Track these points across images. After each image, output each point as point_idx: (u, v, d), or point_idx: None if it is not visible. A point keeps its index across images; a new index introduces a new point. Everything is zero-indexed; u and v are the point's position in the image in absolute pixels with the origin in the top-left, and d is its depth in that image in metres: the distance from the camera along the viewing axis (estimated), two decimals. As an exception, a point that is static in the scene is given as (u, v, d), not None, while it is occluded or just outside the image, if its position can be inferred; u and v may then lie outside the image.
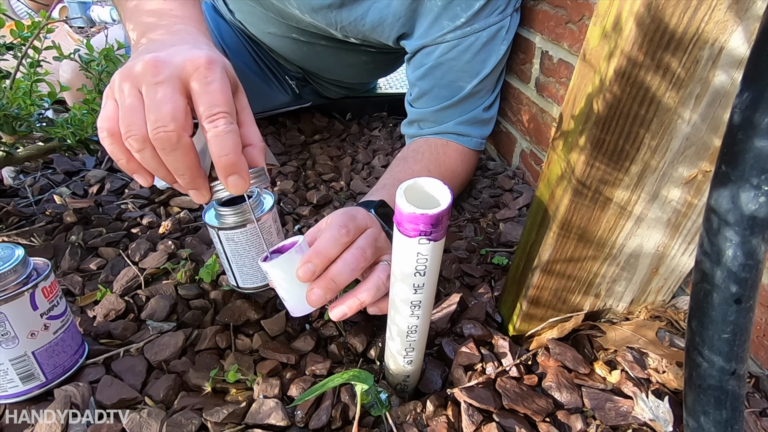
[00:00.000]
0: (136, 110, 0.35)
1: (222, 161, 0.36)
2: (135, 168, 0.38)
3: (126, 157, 0.37)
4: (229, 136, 0.35)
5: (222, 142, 0.35)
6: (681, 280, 0.52)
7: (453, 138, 0.77)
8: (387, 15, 0.76)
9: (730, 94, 0.37)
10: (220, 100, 0.36)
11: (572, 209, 0.42)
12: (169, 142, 0.35)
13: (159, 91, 0.35)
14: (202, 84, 0.36)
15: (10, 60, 0.60)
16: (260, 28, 0.97)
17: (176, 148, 0.35)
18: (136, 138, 0.35)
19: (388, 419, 0.42)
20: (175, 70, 0.36)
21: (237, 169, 0.36)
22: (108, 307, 0.54)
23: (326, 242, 0.42)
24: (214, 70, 0.36)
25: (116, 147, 0.37)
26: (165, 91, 0.35)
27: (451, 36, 0.73)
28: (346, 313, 0.43)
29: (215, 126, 0.35)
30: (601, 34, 0.37)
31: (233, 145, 0.36)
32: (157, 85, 0.35)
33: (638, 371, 0.47)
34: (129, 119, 0.35)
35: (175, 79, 0.35)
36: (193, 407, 0.43)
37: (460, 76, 0.76)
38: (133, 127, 0.35)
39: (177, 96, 0.35)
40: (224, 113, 0.36)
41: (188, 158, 0.36)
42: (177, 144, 0.35)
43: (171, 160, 0.36)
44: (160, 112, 0.34)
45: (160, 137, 0.34)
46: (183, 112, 0.35)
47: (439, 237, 0.32)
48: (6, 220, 0.70)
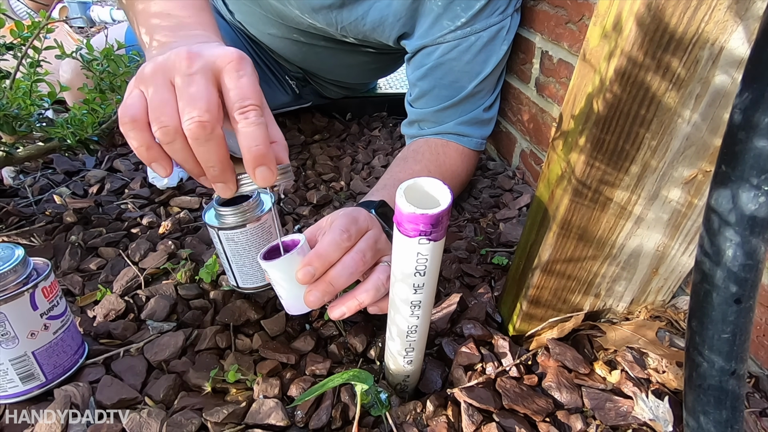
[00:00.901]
0: (169, 101, 0.35)
1: (252, 152, 0.36)
2: (155, 157, 0.37)
3: (147, 145, 0.36)
4: (260, 128, 0.36)
5: (253, 133, 0.36)
6: (681, 280, 0.52)
7: (453, 138, 0.77)
8: (387, 15, 0.76)
9: (730, 94, 0.37)
10: (252, 94, 0.36)
11: (572, 209, 0.42)
12: (204, 133, 0.35)
13: (194, 82, 0.35)
14: (234, 77, 0.36)
15: (10, 60, 0.60)
16: (260, 29, 0.97)
17: (210, 139, 0.35)
18: (167, 129, 0.35)
19: (388, 419, 0.42)
20: (208, 63, 0.36)
21: (266, 161, 0.36)
22: (108, 307, 0.54)
23: (327, 246, 0.42)
24: (245, 65, 0.37)
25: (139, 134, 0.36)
26: (199, 82, 0.35)
27: (452, 36, 0.73)
28: (345, 313, 0.43)
29: (246, 117, 0.35)
30: (601, 34, 0.37)
31: (264, 137, 0.36)
32: (192, 77, 0.35)
33: (638, 371, 0.47)
34: (161, 109, 0.35)
35: (208, 72, 0.36)
36: (193, 407, 0.43)
37: (461, 76, 0.76)
38: (165, 117, 0.35)
39: (211, 88, 0.36)
40: (255, 106, 0.36)
41: (220, 150, 0.36)
42: (211, 135, 0.35)
43: (203, 151, 0.36)
44: (195, 103, 0.34)
45: (194, 128, 0.34)
46: (216, 104, 0.35)
47: (439, 237, 0.32)
48: (6, 220, 0.70)
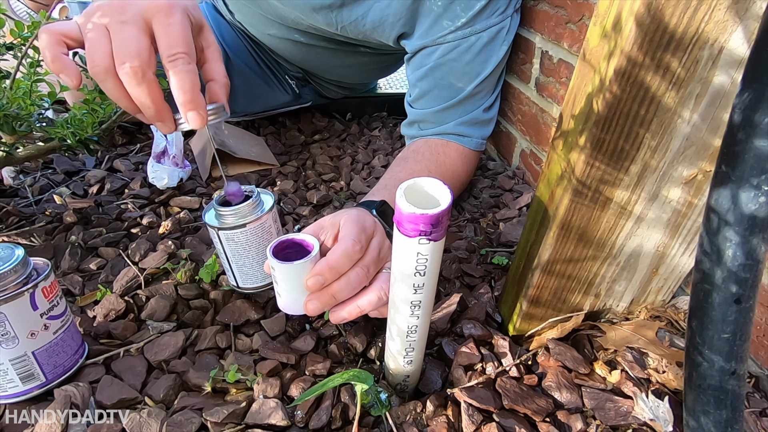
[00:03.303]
0: (101, 44, 0.39)
1: (181, 97, 0.39)
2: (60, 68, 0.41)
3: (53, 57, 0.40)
4: (187, 75, 0.39)
5: (181, 80, 0.39)
6: (681, 280, 0.52)
7: (453, 138, 0.77)
8: (387, 15, 0.76)
9: (730, 94, 0.37)
10: (180, 41, 0.39)
11: (572, 209, 0.42)
12: (135, 77, 0.38)
13: (125, 29, 0.38)
14: (163, 25, 0.39)
15: (10, 60, 0.60)
16: (260, 30, 0.97)
17: (142, 82, 0.38)
18: (98, 69, 0.39)
19: (388, 419, 0.42)
20: (138, 12, 0.39)
21: (195, 106, 0.40)
22: (108, 307, 0.54)
23: (340, 258, 0.42)
24: (174, 13, 0.40)
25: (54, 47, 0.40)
26: (130, 30, 0.38)
27: (452, 37, 0.73)
28: (346, 318, 0.44)
29: (174, 66, 0.39)
30: (601, 34, 0.37)
31: (191, 83, 0.39)
32: (123, 24, 0.38)
33: (638, 371, 0.47)
34: (94, 50, 0.39)
35: (139, 20, 0.39)
36: (193, 407, 0.43)
37: (461, 77, 0.76)
38: (97, 59, 0.38)
39: (141, 35, 0.39)
40: (183, 53, 0.39)
41: (153, 91, 0.39)
42: (143, 79, 0.38)
43: (137, 93, 0.39)
44: (126, 48, 0.38)
45: (127, 72, 0.38)
46: (147, 50, 0.39)
47: (439, 237, 0.32)
48: (6, 220, 0.70)
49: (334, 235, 0.46)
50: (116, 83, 0.39)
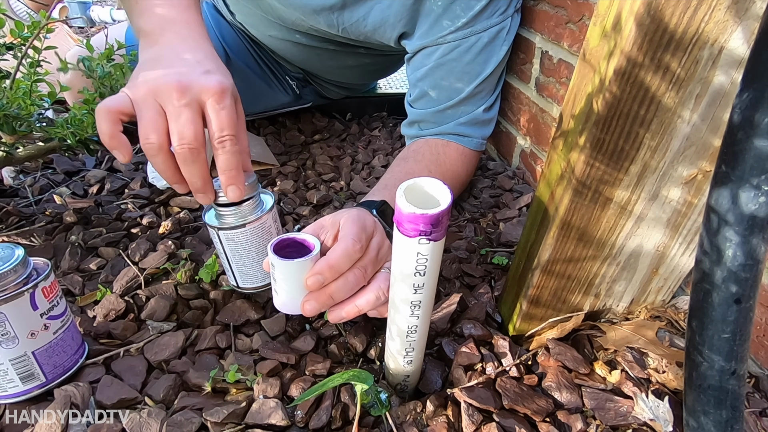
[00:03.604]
0: (157, 122, 0.42)
1: (226, 175, 0.44)
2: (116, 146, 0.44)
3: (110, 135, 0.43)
4: (233, 155, 0.44)
5: (228, 160, 0.43)
6: (681, 280, 0.52)
7: (453, 138, 0.77)
8: (388, 16, 0.76)
9: (730, 94, 0.37)
10: (228, 125, 0.43)
11: (572, 209, 0.42)
12: (191, 156, 0.42)
13: (183, 113, 0.42)
14: (215, 110, 0.43)
15: (10, 60, 0.60)
16: (261, 31, 0.97)
17: (195, 161, 0.43)
18: (153, 145, 0.42)
19: (388, 419, 0.42)
20: (194, 96, 0.43)
21: (236, 182, 0.45)
22: (108, 307, 0.54)
23: (340, 257, 0.42)
24: (225, 98, 0.44)
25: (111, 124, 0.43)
26: (188, 114, 0.42)
27: (452, 37, 0.73)
28: (344, 318, 0.44)
29: (223, 147, 0.43)
30: (601, 34, 0.37)
31: (235, 163, 0.44)
32: (181, 108, 0.42)
33: (638, 371, 0.47)
34: (150, 128, 0.42)
35: (195, 104, 0.43)
36: (193, 407, 0.43)
37: (461, 77, 0.76)
38: (153, 135, 0.42)
39: (197, 119, 0.43)
40: (231, 135, 0.43)
41: (203, 170, 0.44)
42: (196, 158, 0.43)
43: (189, 170, 0.43)
44: (184, 131, 0.42)
45: (184, 152, 0.42)
46: (202, 132, 0.43)
47: (439, 237, 0.32)
48: (6, 220, 0.70)
49: (334, 234, 0.46)
50: (167, 159, 0.43)
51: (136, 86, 0.44)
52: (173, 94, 0.42)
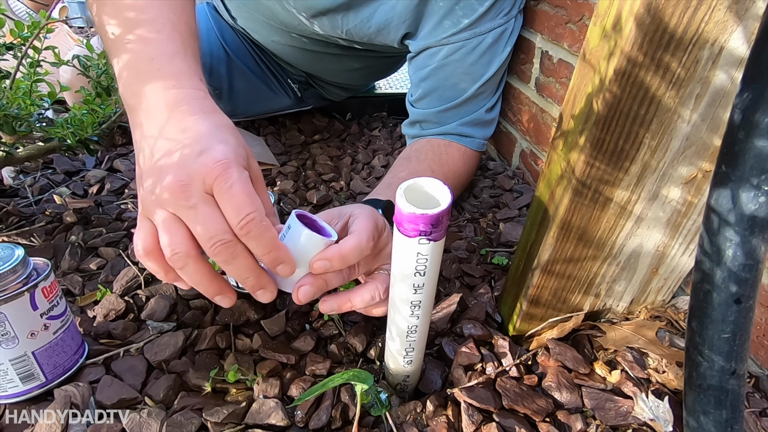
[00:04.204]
0: (177, 230, 0.37)
1: (267, 259, 0.37)
2: (175, 278, 0.39)
3: (164, 271, 0.39)
4: (265, 236, 0.37)
5: (261, 244, 0.37)
6: (681, 280, 0.52)
7: (456, 139, 0.77)
8: (392, 17, 0.76)
9: (730, 94, 0.37)
10: (244, 204, 0.36)
11: (572, 209, 0.42)
12: (232, 252, 0.36)
13: (199, 213, 0.36)
14: (225, 195, 0.36)
15: (10, 60, 0.60)
16: (264, 36, 0.97)
17: (237, 255, 0.37)
18: (179, 255, 0.37)
19: (388, 419, 0.42)
20: (201, 190, 0.36)
21: (282, 260, 0.38)
22: (108, 307, 0.54)
23: (352, 249, 0.41)
24: (230, 174, 0.36)
25: (155, 264, 0.38)
26: (205, 210, 0.36)
27: (456, 38, 0.73)
28: (335, 310, 0.44)
29: (248, 232, 0.36)
30: (601, 34, 0.37)
31: (271, 241, 0.37)
32: (193, 208, 0.36)
33: (638, 371, 0.47)
34: (171, 239, 0.36)
35: (206, 197, 0.36)
36: (193, 407, 0.43)
37: (464, 78, 0.75)
38: (175, 245, 0.36)
39: (216, 211, 0.36)
40: (252, 214, 0.36)
41: (249, 260, 0.38)
42: (236, 251, 0.37)
43: (235, 267, 0.37)
44: (210, 230, 0.36)
45: (221, 250, 0.36)
46: (226, 222, 0.36)
47: (439, 237, 0.32)
48: (6, 220, 0.70)
49: (342, 225, 0.46)
50: (199, 266, 0.38)
51: (143, 205, 0.39)
52: (179, 198, 0.36)
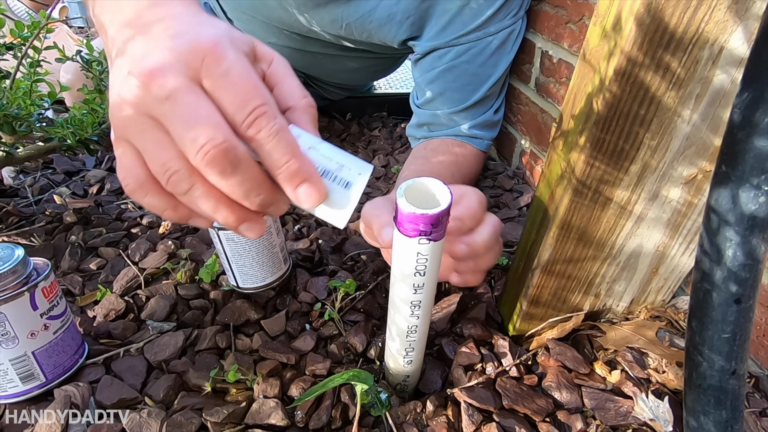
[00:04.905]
0: (162, 142, 0.26)
1: (283, 173, 0.27)
2: (187, 213, 0.30)
3: (172, 206, 0.29)
4: (281, 137, 0.27)
5: (274, 149, 0.27)
6: (681, 280, 0.52)
7: (468, 140, 0.77)
8: (396, 12, 0.75)
9: (730, 94, 0.37)
10: (249, 91, 0.27)
11: (572, 209, 0.42)
12: (227, 158, 0.26)
13: (177, 105, 0.26)
14: (218, 78, 0.27)
15: (10, 60, 0.60)
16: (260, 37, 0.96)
17: (238, 163, 0.26)
18: (177, 176, 0.27)
19: (388, 419, 0.42)
20: (181, 72, 0.26)
21: (305, 176, 0.28)
22: (108, 307, 0.54)
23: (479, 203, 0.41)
24: (225, 54, 0.27)
25: (155, 198, 0.28)
26: (185, 102, 0.26)
27: (466, 39, 0.72)
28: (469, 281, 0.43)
29: (257, 130, 0.26)
30: (601, 34, 0.37)
31: (289, 146, 0.27)
32: (172, 100, 0.26)
33: (638, 371, 0.47)
34: (160, 157, 0.27)
35: (188, 83, 0.26)
36: (193, 407, 0.43)
37: (473, 79, 0.75)
38: (170, 163, 0.26)
39: (203, 101, 0.26)
40: (261, 105, 0.27)
41: (255, 169, 0.28)
42: (237, 156, 0.26)
43: (236, 181, 0.27)
44: (196, 128, 0.25)
45: (214, 156, 0.25)
46: (221, 116, 0.27)
47: (439, 237, 0.32)
48: (6, 220, 0.70)
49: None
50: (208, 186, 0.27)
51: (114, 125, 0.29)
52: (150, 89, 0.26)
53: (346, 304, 0.56)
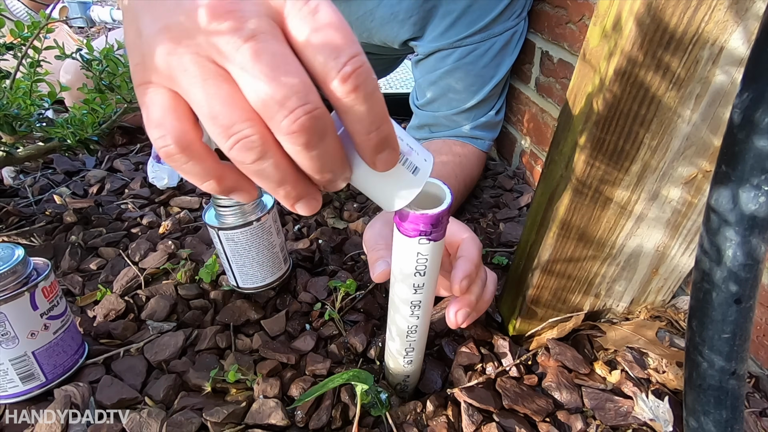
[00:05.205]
0: (230, 98, 0.21)
1: (373, 139, 0.23)
2: (234, 186, 0.25)
3: (218, 175, 0.24)
4: (378, 96, 0.22)
5: (371, 109, 0.22)
6: (681, 280, 0.52)
7: (470, 141, 0.77)
8: (399, 11, 0.74)
9: (730, 94, 0.37)
10: (342, 37, 0.21)
11: (572, 209, 0.42)
12: (317, 127, 0.21)
13: (260, 53, 0.20)
14: (305, 16, 0.21)
15: (10, 60, 0.60)
16: None
17: (325, 134, 0.22)
18: (251, 142, 0.21)
19: (388, 419, 0.42)
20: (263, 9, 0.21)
21: (390, 142, 0.24)
22: (108, 307, 0.54)
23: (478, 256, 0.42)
24: None
25: (200, 165, 0.23)
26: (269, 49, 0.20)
27: (470, 40, 0.72)
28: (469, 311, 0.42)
29: (355, 85, 0.21)
30: (601, 34, 0.37)
31: (384, 110, 0.23)
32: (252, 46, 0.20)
33: (638, 371, 0.47)
34: (226, 117, 0.21)
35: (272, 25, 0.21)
36: (193, 407, 0.43)
37: (476, 80, 0.75)
38: (240, 126, 0.21)
39: (289, 52, 0.21)
40: (356, 56, 0.21)
41: (337, 141, 0.23)
42: (326, 126, 0.22)
43: (317, 154, 0.22)
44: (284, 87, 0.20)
45: (303, 124, 0.21)
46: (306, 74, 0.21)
47: (439, 237, 0.32)
48: (6, 220, 0.70)
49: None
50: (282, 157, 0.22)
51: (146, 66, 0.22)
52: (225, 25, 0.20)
53: (346, 304, 0.56)
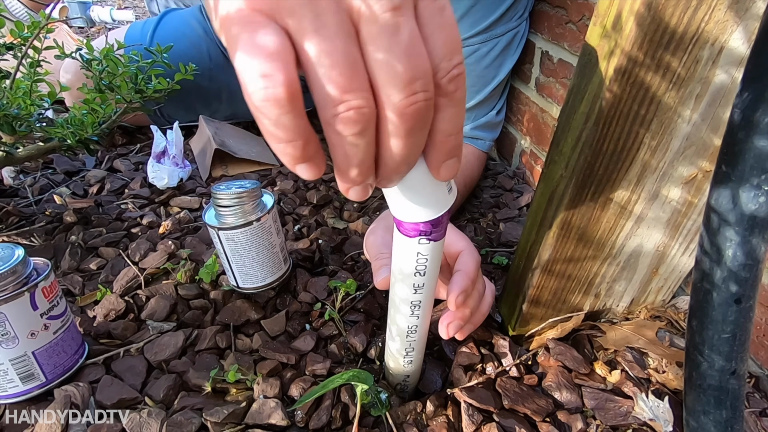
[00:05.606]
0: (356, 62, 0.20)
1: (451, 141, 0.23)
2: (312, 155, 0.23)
3: (305, 138, 0.22)
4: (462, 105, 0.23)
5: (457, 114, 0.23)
6: (681, 280, 0.52)
7: (470, 141, 0.77)
8: None
9: (730, 94, 0.37)
10: (458, 41, 0.21)
11: (572, 209, 0.42)
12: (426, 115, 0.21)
13: (398, 28, 0.19)
14: (435, 13, 0.21)
15: (10, 60, 0.60)
16: None
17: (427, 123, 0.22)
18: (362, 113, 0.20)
19: (388, 419, 0.42)
20: None
21: (459, 152, 0.24)
22: (108, 307, 0.54)
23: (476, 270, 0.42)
24: None
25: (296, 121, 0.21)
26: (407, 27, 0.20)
27: (473, 41, 0.72)
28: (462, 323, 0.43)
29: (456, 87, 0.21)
30: (601, 34, 0.37)
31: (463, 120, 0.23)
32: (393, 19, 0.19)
33: (638, 371, 0.47)
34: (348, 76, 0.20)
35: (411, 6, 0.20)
36: (193, 407, 0.43)
37: (477, 81, 0.75)
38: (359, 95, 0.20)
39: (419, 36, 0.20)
40: (462, 62, 0.22)
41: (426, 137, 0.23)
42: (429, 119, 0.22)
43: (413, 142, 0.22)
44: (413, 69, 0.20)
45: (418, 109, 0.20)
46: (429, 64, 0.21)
47: (439, 237, 0.32)
48: (6, 220, 0.70)
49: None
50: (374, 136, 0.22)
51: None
52: None
53: (346, 304, 0.56)
